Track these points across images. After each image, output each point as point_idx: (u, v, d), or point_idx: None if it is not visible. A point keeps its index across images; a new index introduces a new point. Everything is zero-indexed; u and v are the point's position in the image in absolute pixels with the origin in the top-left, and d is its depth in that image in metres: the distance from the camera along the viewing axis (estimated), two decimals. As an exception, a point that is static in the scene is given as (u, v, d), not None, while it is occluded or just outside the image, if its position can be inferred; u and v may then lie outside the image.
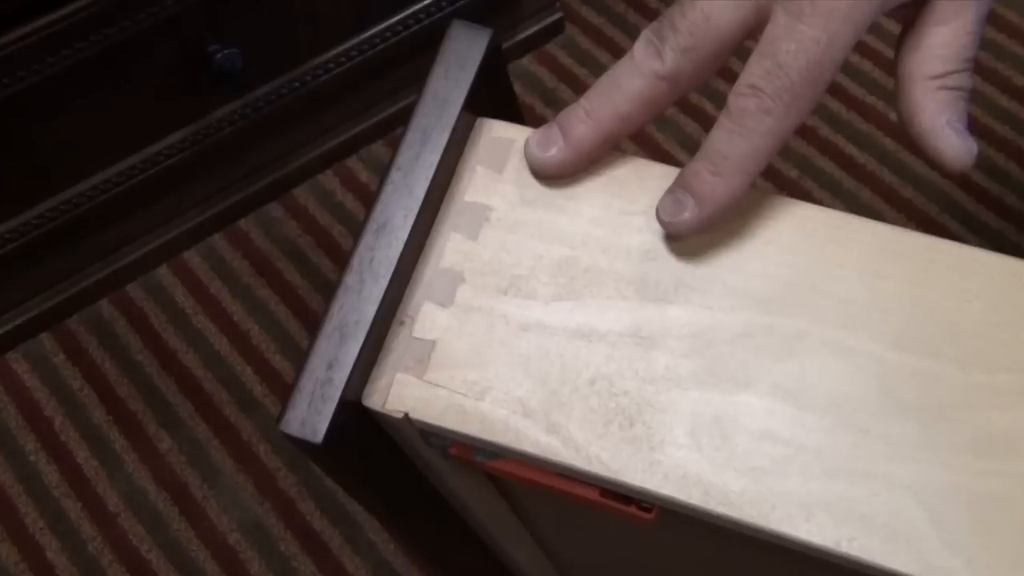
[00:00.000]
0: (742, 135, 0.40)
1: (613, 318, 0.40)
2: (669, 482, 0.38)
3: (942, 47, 0.41)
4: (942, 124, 0.41)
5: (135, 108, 1.20)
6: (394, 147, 0.42)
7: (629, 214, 0.42)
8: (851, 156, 1.40)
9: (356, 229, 1.44)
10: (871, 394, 0.38)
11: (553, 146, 0.42)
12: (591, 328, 0.40)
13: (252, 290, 1.37)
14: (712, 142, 0.40)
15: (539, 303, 0.41)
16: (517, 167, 0.43)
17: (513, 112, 0.46)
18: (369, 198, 1.48)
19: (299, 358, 1.33)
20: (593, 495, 0.41)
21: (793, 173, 1.39)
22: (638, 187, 0.42)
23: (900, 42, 0.43)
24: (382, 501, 0.47)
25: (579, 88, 1.48)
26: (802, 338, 0.39)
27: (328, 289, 1.34)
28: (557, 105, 1.46)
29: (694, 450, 0.38)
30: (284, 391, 1.31)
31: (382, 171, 1.42)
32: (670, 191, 0.41)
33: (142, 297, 1.37)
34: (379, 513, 0.47)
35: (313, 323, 1.33)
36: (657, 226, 0.41)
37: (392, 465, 0.45)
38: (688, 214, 0.40)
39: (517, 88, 1.27)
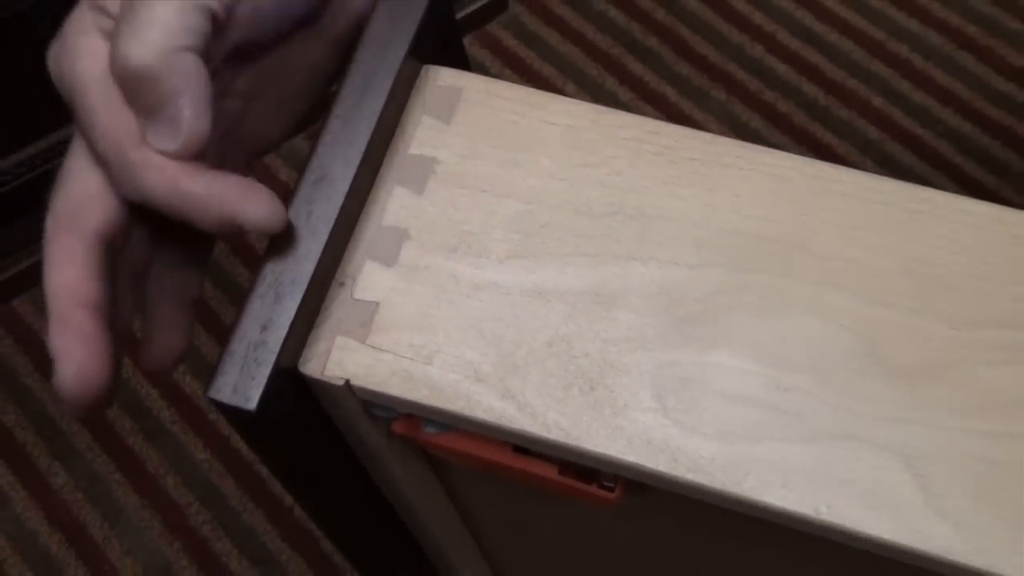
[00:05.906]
0: None
1: (573, 276, 0.42)
2: (633, 448, 0.39)
3: None
4: None
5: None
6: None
7: (590, 166, 0.44)
8: (829, 146, 1.44)
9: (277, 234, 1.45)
10: (853, 353, 0.40)
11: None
12: (549, 287, 0.42)
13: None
14: None
15: (492, 261, 0.43)
16: (466, 117, 0.45)
17: (461, 60, 0.48)
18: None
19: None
20: (551, 473, 0.43)
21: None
22: (599, 137, 0.44)
23: None
24: (315, 490, 0.48)
25: (525, 73, 1.50)
26: (778, 295, 0.41)
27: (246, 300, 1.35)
28: (502, 93, 1.48)
29: (660, 414, 0.40)
30: (195, 416, 1.31)
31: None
32: None
33: (31, 312, 1.37)
34: (310, 506, 0.48)
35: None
36: (620, 180, 0.43)
37: (330, 448, 0.46)
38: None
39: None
